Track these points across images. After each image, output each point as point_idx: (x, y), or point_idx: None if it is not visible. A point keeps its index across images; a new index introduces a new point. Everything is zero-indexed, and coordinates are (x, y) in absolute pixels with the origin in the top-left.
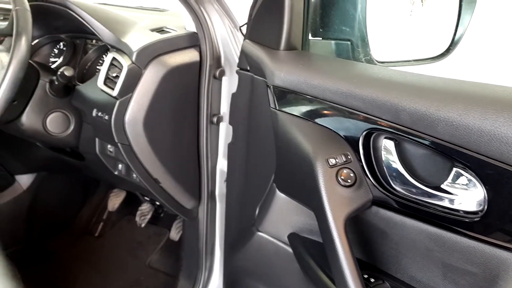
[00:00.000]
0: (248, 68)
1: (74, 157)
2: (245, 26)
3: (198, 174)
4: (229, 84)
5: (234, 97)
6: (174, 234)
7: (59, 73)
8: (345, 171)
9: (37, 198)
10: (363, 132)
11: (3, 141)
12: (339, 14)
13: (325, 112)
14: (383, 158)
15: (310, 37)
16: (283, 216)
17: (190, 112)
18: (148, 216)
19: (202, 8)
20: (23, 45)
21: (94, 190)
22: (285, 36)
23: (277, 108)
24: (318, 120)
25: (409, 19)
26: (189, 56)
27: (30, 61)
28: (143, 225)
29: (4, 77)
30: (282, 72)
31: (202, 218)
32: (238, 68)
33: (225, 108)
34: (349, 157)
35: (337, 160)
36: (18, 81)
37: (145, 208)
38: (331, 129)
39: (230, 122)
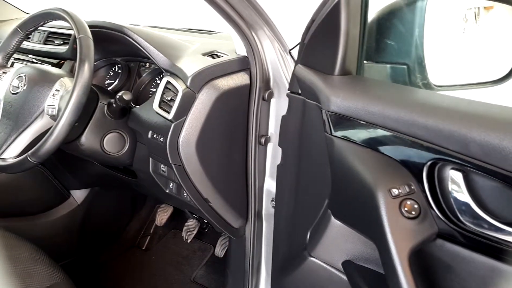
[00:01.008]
0: (300, 92)
1: (127, 175)
2: (295, 49)
3: (245, 194)
4: (277, 106)
5: (284, 119)
6: (219, 250)
7: (118, 96)
8: (408, 202)
9: (89, 212)
10: (428, 162)
11: (61, 158)
12: (396, 37)
13: (386, 140)
14: (450, 190)
15: (364, 61)
16: (338, 242)
17: (239, 133)
18: (194, 232)
19: (253, 33)
20: (86, 71)
21: (142, 205)
22: (340, 61)
23: (333, 134)
24: (378, 148)
25: (463, 38)
26: (240, 79)
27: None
28: (189, 240)
29: (68, 102)
30: (338, 98)
31: (248, 237)
32: (288, 91)
33: (272, 129)
34: (412, 187)
35: (400, 190)
36: (81, 105)
37: (191, 224)
38: (392, 158)
39: (280, 144)
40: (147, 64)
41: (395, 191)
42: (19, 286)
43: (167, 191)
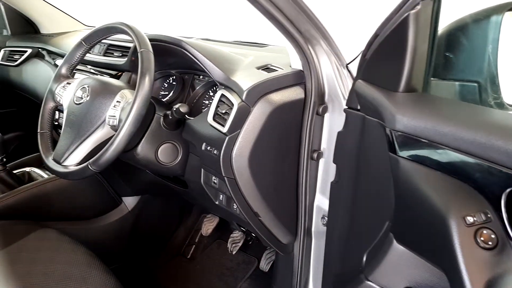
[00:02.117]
0: (359, 108)
1: (177, 184)
2: (352, 63)
3: (295, 209)
4: (330, 121)
5: (341, 135)
6: (264, 264)
7: (174, 109)
8: (485, 231)
9: (139, 218)
10: (507, 189)
11: (116, 166)
12: (466, 53)
13: (458, 163)
14: None
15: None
16: (400, 267)
17: (291, 147)
18: (240, 244)
19: (310, 48)
20: (146, 84)
21: (189, 214)
22: (405, 78)
23: (399, 154)
24: (449, 172)
25: None
26: (295, 93)
27: None
28: (234, 252)
29: (129, 113)
30: (405, 116)
31: (297, 254)
32: (346, 107)
33: (325, 145)
34: (489, 215)
35: (475, 218)
36: (141, 117)
37: (237, 236)
38: (465, 183)
39: (335, 161)
40: (201, 77)
41: (469, 219)
42: None
43: (217, 202)
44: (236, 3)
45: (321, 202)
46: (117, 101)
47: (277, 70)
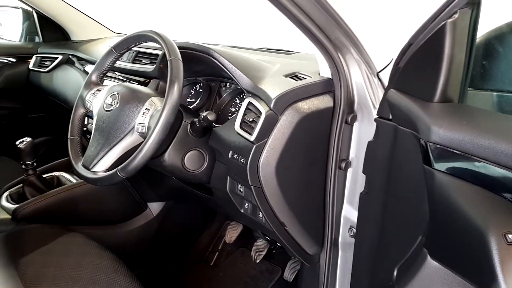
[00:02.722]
0: (390, 117)
1: (202, 191)
2: (383, 71)
3: (322, 220)
4: (359, 130)
5: (371, 145)
6: (288, 274)
7: (202, 116)
8: None
9: (163, 224)
10: None
11: (141, 172)
12: (505, 63)
13: (498, 177)
14: None
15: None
16: (434, 284)
17: (319, 156)
18: (264, 253)
19: (340, 56)
20: (175, 92)
21: (212, 220)
22: (441, 88)
23: (434, 167)
24: (488, 187)
25: None
26: (323, 102)
27: None
28: (258, 260)
29: (158, 121)
30: (441, 128)
31: (323, 265)
32: (377, 116)
33: (353, 154)
34: None
35: None
36: (169, 124)
37: (261, 244)
38: (506, 198)
39: (364, 171)
40: (227, 84)
41: (511, 237)
42: None
43: (242, 211)
44: (264, 10)
45: (349, 212)
46: (146, 109)
47: (305, 78)
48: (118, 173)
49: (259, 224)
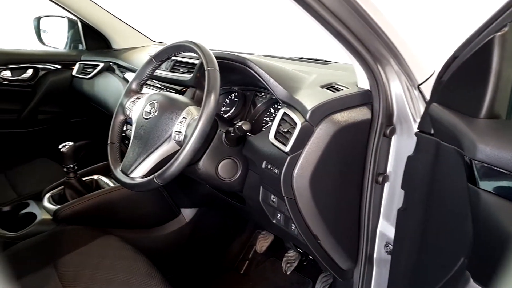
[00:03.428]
0: (432, 132)
1: (235, 199)
2: (424, 84)
3: (357, 234)
4: (398, 144)
5: (411, 160)
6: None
7: (237, 126)
8: None
9: (196, 230)
10: None
11: (176, 178)
12: None
13: None
14: None
15: None
16: None
17: (355, 169)
18: (295, 264)
19: (379, 67)
20: (212, 102)
21: (243, 229)
22: (487, 103)
23: (479, 186)
24: None
25: None
26: (361, 114)
27: None
28: (288, 272)
29: (194, 129)
30: (488, 145)
31: (356, 281)
32: (417, 130)
33: (391, 168)
34: None
35: None
36: (205, 133)
37: (292, 256)
38: None
39: (403, 186)
40: (262, 94)
41: None
42: None
43: (274, 221)
44: (300, 20)
45: (385, 228)
46: (183, 117)
47: (342, 90)
48: (154, 179)
49: (291, 236)
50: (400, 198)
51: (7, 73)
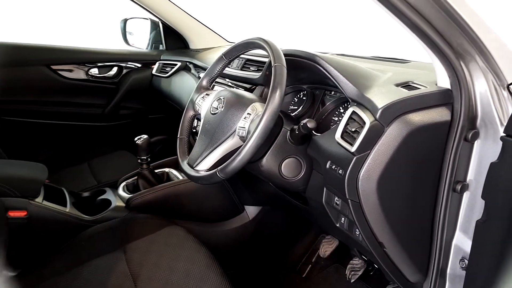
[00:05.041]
0: None
1: (298, 200)
2: None
3: (428, 246)
4: (481, 149)
5: (494, 167)
6: None
7: (301, 124)
8: None
9: (258, 228)
10: None
11: (241, 175)
12: None
13: None
14: None
15: None
16: None
17: (430, 175)
18: (359, 273)
19: (462, 64)
20: (277, 98)
21: (307, 231)
22: None
23: None
24: None
25: None
26: (439, 115)
27: None
28: (352, 280)
29: (257, 125)
30: None
31: None
32: (504, 134)
33: (472, 176)
34: None
35: None
36: (268, 130)
37: (357, 264)
38: None
39: (484, 196)
40: (332, 93)
41: None
42: None
43: (338, 225)
44: (377, 16)
45: (461, 241)
46: (248, 113)
47: (419, 88)
48: (217, 173)
49: (356, 242)
50: (481, 209)
51: (95, 71)
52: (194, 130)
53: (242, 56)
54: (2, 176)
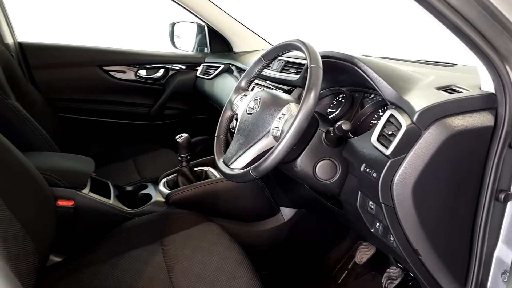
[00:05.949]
0: None
1: (333, 203)
2: None
3: (467, 256)
4: None
5: None
6: None
7: (336, 125)
8: None
9: (294, 231)
10: None
11: (277, 177)
12: None
13: None
14: None
15: None
16: None
17: (470, 182)
18: (396, 282)
19: (507, 67)
20: (311, 99)
21: (344, 237)
22: None
23: None
24: None
25: None
26: (481, 119)
27: None
28: None
29: (291, 126)
30: None
31: None
32: None
33: None
34: None
35: None
36: (302, 130)
37: (394, 272)
38: None
39: None
40: (372, 95)
41: None
42: (223, 283)
43: (372, 230)
44: (419, 18)
45: (504, 253)
46: (283, 114)
47: (461, 92)
48: (250, 172)
49: (391, 248)
50: None
51: (143, 72)
52: (233, 130)
53: (282, 58)
54: (54, 167)
